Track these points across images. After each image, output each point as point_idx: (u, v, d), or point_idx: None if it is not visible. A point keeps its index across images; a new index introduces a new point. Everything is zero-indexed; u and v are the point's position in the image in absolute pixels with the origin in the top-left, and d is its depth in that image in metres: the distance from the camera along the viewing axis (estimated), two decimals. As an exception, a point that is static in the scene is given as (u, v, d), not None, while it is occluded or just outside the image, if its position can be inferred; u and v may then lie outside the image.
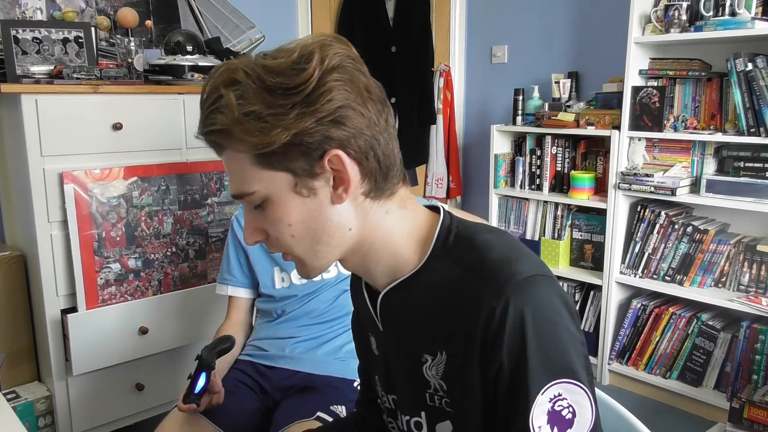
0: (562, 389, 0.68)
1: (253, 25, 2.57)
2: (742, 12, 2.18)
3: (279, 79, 0.68)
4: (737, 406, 2.10)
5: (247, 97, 0.69)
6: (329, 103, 0.69)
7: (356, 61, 0.73)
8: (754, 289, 2.30)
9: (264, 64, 0.70)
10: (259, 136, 0.69)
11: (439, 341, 0.76)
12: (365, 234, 0.76)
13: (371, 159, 0.73)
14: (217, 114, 0.70)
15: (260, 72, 0.69)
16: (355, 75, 0.72)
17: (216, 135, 0.72)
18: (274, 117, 0.68)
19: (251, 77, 0.69)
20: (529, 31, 3.17)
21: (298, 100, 0.68)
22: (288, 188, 0.72)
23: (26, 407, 1.97)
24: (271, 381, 1.55)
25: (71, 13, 2.17)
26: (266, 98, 0.68)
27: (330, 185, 0.72)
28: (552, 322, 0.70)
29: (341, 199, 0.73)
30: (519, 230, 2.98)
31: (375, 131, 0.73)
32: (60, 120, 1.87)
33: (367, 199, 0.75)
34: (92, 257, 1.95)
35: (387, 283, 0.80)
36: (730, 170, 2.32)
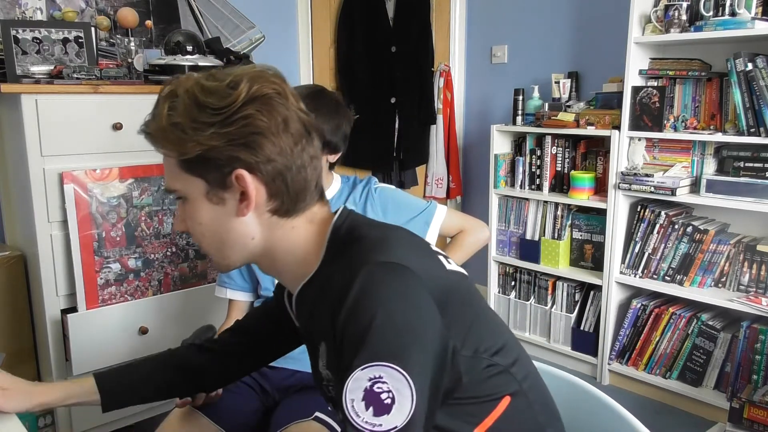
0: (383, 372, 0.70)
1: (253, 25, 2.57)
2: (742, 12, 2.18)
3: (209, 99, 0.78)
4: (737, 406, 2.10)
5: (177, 110, 0.79)
6: (244, 128, 0.78)
7: (283, 96, 0.81)
8: (754, 289, 2.30)
9: (202, 84, 0.80)
10: (177, 145, 0.79)
11: (323, 334, 0.83)
12: (269, 244, 0.85)
13: (279, 183, 0.81)
14: (151, 120, 0.82)
15: (196, 90, 0.79)
16: (276, 108, 0.79)
17: (149, 137, 0.83)
18: (193, 131, 0.78)
19: (188, 93, 0.79)
20: (529, 31, 3.17)
21: (217, 120, 0.77)
22: (202, 193, 0.82)
23: (26, 407, 1.97)
24: (271, 381, 1.55)
25: (71, 13, 2.17)
26: (193, 113, 0.78)
27: (237, 199, 0.81)
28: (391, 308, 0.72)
29: (243, 213, 0.82)
30: (519, 230, 2.98)
31: (287, 160, 0.80)
32: (60, 120, 1.87)
33: (274, 216, 0.83)
34: (92, 257, 1.95)
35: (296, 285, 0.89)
36: (730, 170, 2.32)
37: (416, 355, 0.72)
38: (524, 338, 2.98)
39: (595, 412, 1.01)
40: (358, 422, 0.69)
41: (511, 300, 3.05)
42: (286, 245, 0.85)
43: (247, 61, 2.39)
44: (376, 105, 3.35)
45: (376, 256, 0.77)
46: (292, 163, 0.81)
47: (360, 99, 3.27)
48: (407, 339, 0.72)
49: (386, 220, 1.64)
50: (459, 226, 1.74)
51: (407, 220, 1.67)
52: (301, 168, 0.82)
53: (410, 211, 1.68)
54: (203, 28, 2.48)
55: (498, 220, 3.04)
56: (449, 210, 1.73)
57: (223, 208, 0.82)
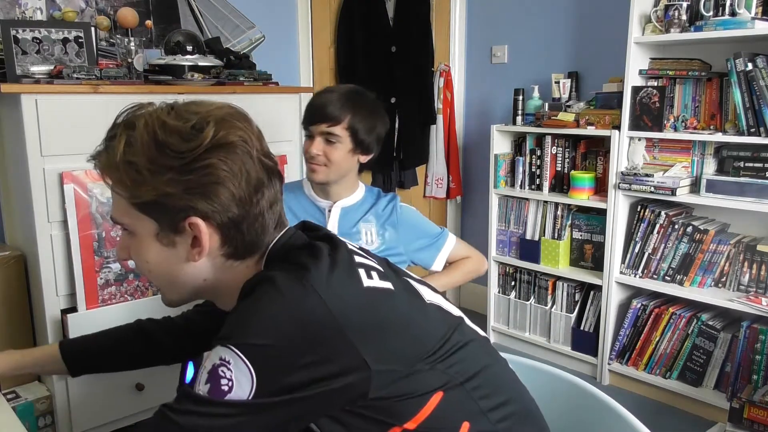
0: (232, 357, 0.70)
1: (253, 25, 2.57)
2: (742, 12, 2.18)
3: (169, 140, 0.74)
4: (737, 406, 2.10)
5: (135, 146, 0.75)
6: (204, 176, 0.74)
7: (248, 143, 0.78)
8: (754, 289, 2.30)
9: (164, 121, 0.75)
10: (130, 186, 0.76)
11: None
12: (220, 283, 0.84)
13: (234, 232, 0.79)
14: (105, 152, 0.78)
15: (157, 127, 0.75)
16: (240, 156, 0.76)
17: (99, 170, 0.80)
18: (150, 174, 0.74)
19: (148, 128, 0.75)
20: (529, 31, 3.17)
21: (176, 165, 0.74)
22: (151, 233, 0.79)
23: (26, 407, 1.97)
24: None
25: (71, 13, 2.17)
26: (151, 153, 0.74)
27: (188, 243, 0.79)
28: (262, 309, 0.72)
29: (194, 259, 0.79)
30: (519, 230, 2.98)
31: (243, 210, 0.78)
32: (60, 120, 1.87)
33: (229, 260, 0.81)
34: (92, 257, 1.95)
35: None
36: (730, 170, 2.32)
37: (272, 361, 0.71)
38: (524, 338, 2.98)
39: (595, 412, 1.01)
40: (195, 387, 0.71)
41: (511, 300, 3.05)
42: (236, 282, 0.82)
43: (248, 61, 2.39)
44: (376, 105, 3.34)
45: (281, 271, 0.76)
46: (250, 212, 0.78)
47: (360, 99, 3.27)
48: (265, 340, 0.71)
49: (403, 241, 1.69)
50: (464, 254, 1.81)
51: (422, 246, 1.74)
52: (258, 216, 0.80)
53: (426, 237, 1.74)
54: (203, 28, 2.48)
55: (498, 220, 3.04)
56: (458, 240, 1.81)
57: (174, 251, 0.80)
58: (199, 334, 1.12)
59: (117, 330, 1.16)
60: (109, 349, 1.13)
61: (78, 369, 1.11)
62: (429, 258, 1.74)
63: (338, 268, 0.78)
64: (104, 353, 1.13)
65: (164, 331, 1.14)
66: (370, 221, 1.67)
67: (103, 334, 1.15)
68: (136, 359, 1.14)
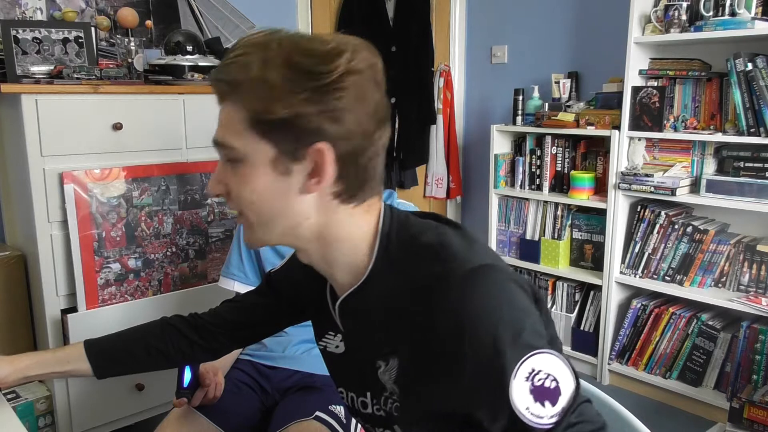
0: (533, 364, 0.68)
1: (253, 25, 2.57)
2: (742, 12, 2.18)
3: (305, 61, 0.71)
4: (737, 406, 2.10)
5: (270, 63, 0.71)
6: (337, 100, 0.71)
7: (377, 74, 0.75)
8: (754, 289, 2.30)
9: (298, 43, 0.72)
10: (263, 103, 0.71)
11: (390, 349, 0.78)
12: (323, 228, 0.78)
13: (351, 166, 0.75)
14: (236, 66, 0.73)
15: (292, 48, 0.72)
16: (370, 86, 0.74)
17: (225, 84, 0.74)
18: (285, 92, 0.70)
19: (283, 48, 0.72)
20: (529, 31, 3.17)
21: (311, 86, 0.70)
22: (267, 160, 0.74)
23: (26, 407, 1.97)
24: (272, 381, 1.56)
25: (71, 13, 2.17)
26: (286, 72, 0.70)
27: (306, 173, 0.74)
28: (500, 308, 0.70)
29: (310, 190, 0.75)
30: (519, 230, 2.98)
31: (365, 143, 0.75)
32: (60, 120, 1.87)
33: (335, 199, 0.76)
34: (92, 257, 1.95)
35: (348, 283, 0.82)
36: (730, 170, 2.32)
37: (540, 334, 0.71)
38: (524, 338, 2.98)
39: (595, 412, 1.01)
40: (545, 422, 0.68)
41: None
42: (342, 233, 0.78)
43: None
44: (376, 105, 3.34)
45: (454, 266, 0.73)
46: (369, 147, 0.75)
47: (360, 99, 3.27)
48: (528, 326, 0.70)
49: None
50: None
51: None
52: (374, 155, 0.77)
53: None
54: (203, 28, 2.48)
55: (498, 220, 3.04)
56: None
57: (287, 180, 0.74)
58: (229, 329, 1.10)
59: (143, 328, 1.13)
60: (137, 347, 1.10)
61: (103, 369, 1.08)
62: None
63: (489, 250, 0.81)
64: (131, 352, 1.10)
65: (192, 327, 1.11)
66: None
67: (129, 332, 1.12)
68: (165, 358, 1.11)
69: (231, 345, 1.15)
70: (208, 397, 1.37)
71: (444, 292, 0.71)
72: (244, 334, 1.12)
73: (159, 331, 1.11)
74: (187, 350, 1.10)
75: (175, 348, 1.10)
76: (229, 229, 2.27)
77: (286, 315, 1.07)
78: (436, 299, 0.71)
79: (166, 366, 1.15)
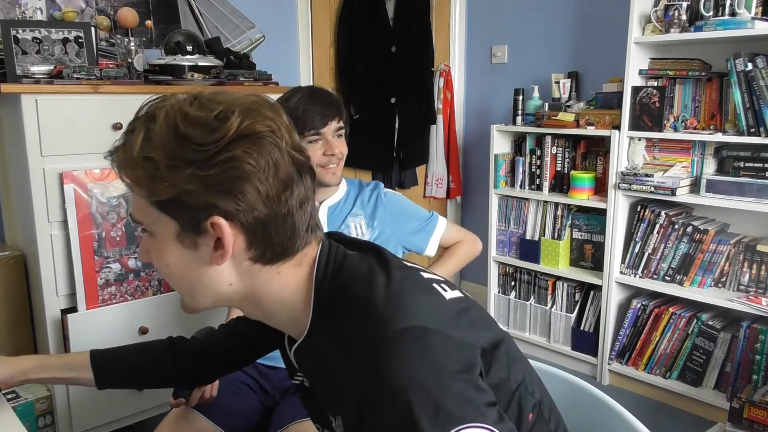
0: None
1: (253, 25, 2.57)
2: (742, 12, 2.18)
3: (191, 131, 0.67)
4: (737, 406, 2.10)
5: (154, 140, 0.68)
6: (227, 171, 0.67)
7: (276, 134, 0.70)
8: (754, 289, 2.30)
9: (185, 112, 0.69)
10: (147, 184, 0.69)
11: (336, 405, 0.76)
12: (251, 291, 0.76)
13: (261, 233, 0.71)
14: (121, 148, 0.71)
15: (178, 118, 0.68)
16: (267, 149, 0.69)
17: (115, 166, 0.73)
18: (168, 170, 0.67)
19: (168, 120, 0.68)
20: (529, 31, 3.17)
21: (197, 159, 0.67)
22: (172, 234, 0.72)
23: (26, 407, 1.97)
24: (272, 381, 1.55)
25: (71, 13, 2.17)
26: (171, 147, 0.68)
27: (211, 245, 0.71)
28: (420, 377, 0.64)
29: (217, 262, 0.72)
30: (519, 230, 2.98)
31: (271, 209, 0.70)
32: (60, 120, 1.87)
33: (256, 264, 0.73)
34: (92, 257, 1.95)
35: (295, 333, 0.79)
36: (730, 170, 2.32)
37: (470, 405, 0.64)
38: (524, 338, 2.98)
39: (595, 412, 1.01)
40: None
41: (511, 300, 3.05)
42: (273, 293, 0.75)
43: (248, 61, 2.39)
44: (376, 105, 3.35)
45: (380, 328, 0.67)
46: (278, 211, 0.71)
47: (360, 99, 3.27)
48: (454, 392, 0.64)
49: (393, 227, 1.66)
50: (457, 238, 1.78)
51: (413, 230, 1.71)
52: (287, 216, 0.72)
53: (416, 221, 1.71)
54: (203, 28, 2.48)
55: (498, 220, 3.04)
56: (448, 222, 1.77)
57: (196, 253, 0.72)
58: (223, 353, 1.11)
59: (150, 345, 1.13)
60: (141, 365, 1.10)
61: (105, 382, 1.08)
62: (422, 242, 1.70)
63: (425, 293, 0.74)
64: (135, 369, 1.10)
65: (192, 352, 1.11)
66: (358, 215, 1.64)
67: (136, 348, 1.13)
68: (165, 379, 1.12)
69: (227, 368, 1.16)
70: (205, 396, 1.37)
71: (367, 354, 0.67)
72: (237, 358, 1.13)
73: (164, 352, 1.11)
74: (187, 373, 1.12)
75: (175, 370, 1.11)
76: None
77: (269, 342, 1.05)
78: (358, 362, 0.68)
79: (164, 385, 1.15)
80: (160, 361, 1.10)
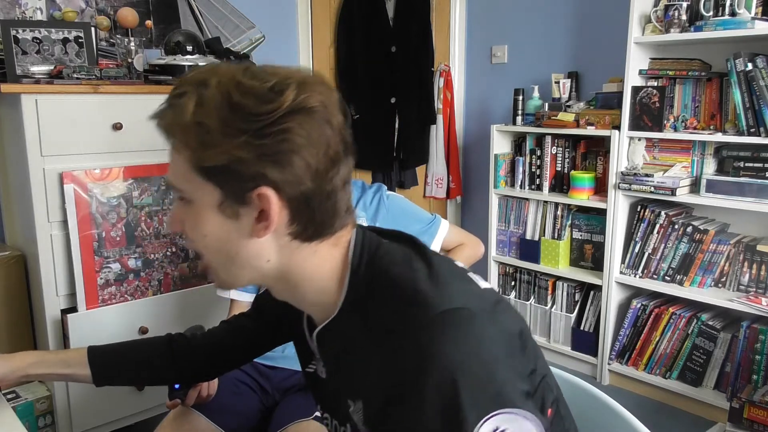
0: (499, 422, 0.64)
1: (253, 25, 2.57)
2: (742, 12, 2.18)
3: (245, 101, 0.67)
4: (737, 406, 2.10)
5: (206, 106, 0.68)
6: (279, 143, 0.67)
7: (329, 109, 0.71)
8: (754, 289, 2.30)
9: (238, 81, 0.68)
10: (198, 150, 0.68)
11: (357, 389, 0.76)
12: (287, 269, 0.75)
13: (304, 208, 0.71)
14: (171, 111, 0.70)
15: (231, 87, 0.68)
16: (320, 124, 0.69)
17: (162, 129, 0.72)
18: (221, 136, 0.67)
19: (221, 88, 0.68)
20: (529, 31, 3.17)
21: (251, 128, 0.66)
22: (213, 203, 0.71)
23: (26, 407, 1.97)
24: (272, 381, 1.56)
25: (71, 13, 2.17)
26: (224, 115, 0.67)
27: (253, 216, 0.70)
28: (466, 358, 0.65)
29: (260, 235, 0.71)
30: (519, 230, 2.98)
31: (317, 184, 0.70)
32: (60, 120, 1.87)
33: (295, 240, 0.73)
34: (92, 257, 1.95)
35: (320, 317, 0.79)
36: (730, 170, 2.32)
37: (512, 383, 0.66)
38: (524, 338, 2.98)
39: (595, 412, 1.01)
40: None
41: (511, 300, 3.05)
42: (307, 272, 0.75)
43: (248, 61, 2.39)
44: (376, 105, 3.35)
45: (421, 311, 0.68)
46: (323, 188, 0.71)
47: (360, 99, 3.27)
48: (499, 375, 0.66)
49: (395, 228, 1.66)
50: (459, 240, 1.79)
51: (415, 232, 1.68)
52: (330, 194, 0.72)
53: (419, 223, 1.72)
54: (203, 28, 2.48)
55: (498, 220, 3.04)
56: (451, 225, 1.78)
57: (236, 224, 0.71)
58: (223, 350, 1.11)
59: (148, 342, 1.13)
60: (139, 362, 1.09)
61: (102, 378, 1.07)
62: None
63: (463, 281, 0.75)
64: (132, 366, 1.09)
65: (191, 348, 1.10)
66: (360, 216, 1.65)
67: (134, 344, 1.12)
68: (163, 376, 1.11)
69: (227, 366, 1.16)
70: (202, 395, 1.37)
71: (410, 336, 0.67)
72: (237, 356, 1.12)
73: (163, 349, 1.10)
74: (186, 371, 1.11)
75: (174, 367, 1.10)
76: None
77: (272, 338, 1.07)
78: (401, 342, 0.68)
79: (163, 383, 1.15)
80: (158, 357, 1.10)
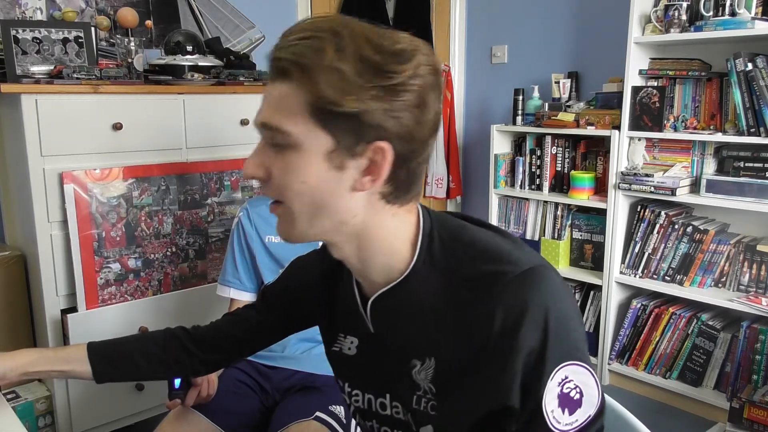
0: (568, 372, 0.71)
1: (253, 25, 2.57)
2: (742, 12, 2.18)
3: (376, 57, 0.69)
4: (737, 406, 2.10)
5: (345, 53, 0.69)
6: (402, 102, 0.70)
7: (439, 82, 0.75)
8: (754, 289, 2.30)
9: (368, 37, 0.70)
10: (334, 93, 0.68)
11: (428, 347, 0.78)
12: (367, 227, 0.76)
13: (403, 168, 0.74)
14: (308, 49, 0.69)
15: (363, 41, 0.70)
16: (432, 93, 0.73)
17: (293, 64, 0.70)
18: (356, 85, 0.68)
19: (355, 40, 0.69)
20: (529, 31, 3.17)
21: (381, 84, 0.69)
22: (323, 151, 0.71)
23: (26, 407, 1.97)
24: (272, 381, 1.56)
25: (71, 13, 2.17)
26: (358, 65, 0.68)
27: (360, 170, 0.72)
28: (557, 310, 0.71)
29: (362, 188, 0.73)
30: (519, 230, 2.98)
31: (420, 147, 0.74)
32: (60, 120, 1.87)
33: (382, 199, 0.75)
34: (92, 257, 1.95)
35: (380, 282, 0.80)
36: (730, 170, 2.32)
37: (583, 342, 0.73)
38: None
39: (595, 412, 1.00)
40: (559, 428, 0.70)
41: (511, 300, 3.05)
42: (383, 233, 0.77)
43: (248, 61, 2.39)
44: (376, 105, 3.35)
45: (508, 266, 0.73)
46: (422, 151, 0.75)
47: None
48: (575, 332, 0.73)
49: None
50: None
51: None
52: (422, 162, 0.76)
53: None
54: (203, 28, 2.48)
55: (498, 220, 3.04)
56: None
57: (339, 175, 0.72)
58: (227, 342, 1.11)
59: (147, 335, 1.13)
60: (138, 355, 1.09)
61: (103, 374, 1.07)
62: None
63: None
64: (132, 359, 1.09)
65: (193, 339, 1.10)
66: None
67: (133, 339, 1.12)
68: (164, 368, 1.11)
69: (229, 358, 1.16)
70: (202, 395, 1.37)
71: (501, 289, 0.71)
72: (241, 347, 1.12)
73: (162, 341, 1.10)
74: (186, 362, 1.10)
75: (174, 359, 1.10)
76: (228, 230, 2.27)
77: (281, 328, 1.08)
78: (491, 295, 0.72)
79: (164, 376, 1.15)
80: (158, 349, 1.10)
